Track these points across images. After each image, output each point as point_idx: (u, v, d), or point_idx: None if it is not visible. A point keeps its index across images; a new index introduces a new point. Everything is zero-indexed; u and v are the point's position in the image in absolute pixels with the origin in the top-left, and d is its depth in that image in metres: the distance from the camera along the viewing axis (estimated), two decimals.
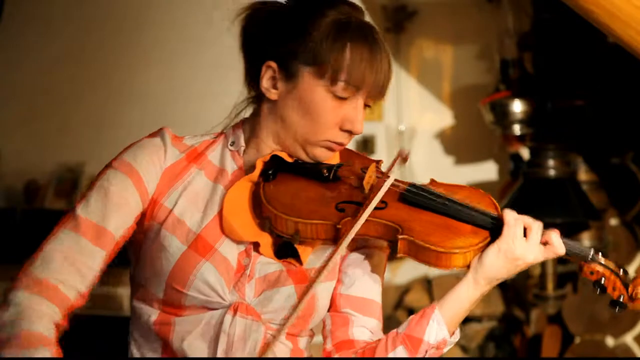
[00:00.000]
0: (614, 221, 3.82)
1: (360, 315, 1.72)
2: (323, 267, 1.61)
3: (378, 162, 1.77)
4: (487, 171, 4.22)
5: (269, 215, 1.65)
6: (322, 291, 1.69)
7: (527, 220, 1.66)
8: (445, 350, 1.67)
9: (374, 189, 1.67)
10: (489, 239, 1.66)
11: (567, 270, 3.84)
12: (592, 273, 1.68)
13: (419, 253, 1.63)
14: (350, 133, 1.68)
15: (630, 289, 1.66)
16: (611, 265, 1.68)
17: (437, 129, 4.31)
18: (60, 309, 1.59)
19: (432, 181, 1.76)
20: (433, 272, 4.24)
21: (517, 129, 3.82)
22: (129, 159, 1.69)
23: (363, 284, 1.73)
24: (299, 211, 1.65)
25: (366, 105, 1.70)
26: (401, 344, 1.66)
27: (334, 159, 1.74)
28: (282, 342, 1.69)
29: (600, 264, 1.68)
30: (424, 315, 1.66)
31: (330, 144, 1.68)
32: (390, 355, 1.66)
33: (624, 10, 2.77)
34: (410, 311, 3.94)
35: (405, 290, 4.11)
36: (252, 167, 1.70)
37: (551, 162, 3.73)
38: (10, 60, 4.26)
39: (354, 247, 1.74)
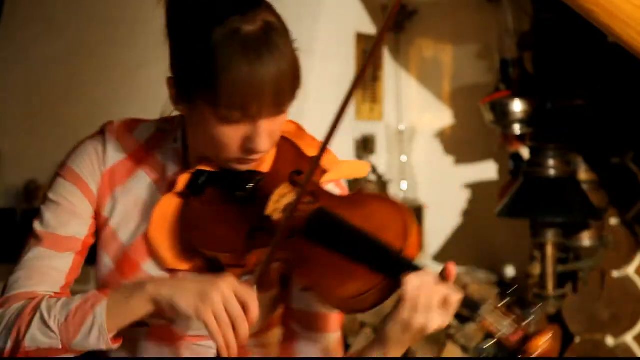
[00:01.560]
0: (614, 221, 3.82)
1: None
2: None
3: (316, 159, 1.54)
4: (487, 171, 4.22)
5: (189, 241, 1.58)
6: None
7: (427, 290, 1.46)
8: None
9: (285, 212, 1.51)
10: (383, 283, 1.48)
11: (567, 270, 3.85)
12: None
13: (316, 296, 1.52)
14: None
15: (525, 347, 1.45)
16: (507, 320, 1.46)
17: (437, 129, 4.31)
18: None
19: (358, 191, 1.62)
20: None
21: (517, 128, 3.82)
22: (72, 165, 1.66)
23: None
24: (213, 243, 1.55)
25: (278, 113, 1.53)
26: None
27: (267, 160, 1.61)
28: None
29: (494, 319, 1.46)
30: None
31: (240, 161, 1.56)
32: None
33: (624, 10, 2.77)
34: None
35: None
36: (191, 166, 1.62)
37: (551, 162, 3.73)
38: (11, 60, 4.26)
39: None
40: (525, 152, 3.89)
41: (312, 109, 3.83)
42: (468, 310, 1.47)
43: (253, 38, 1.49)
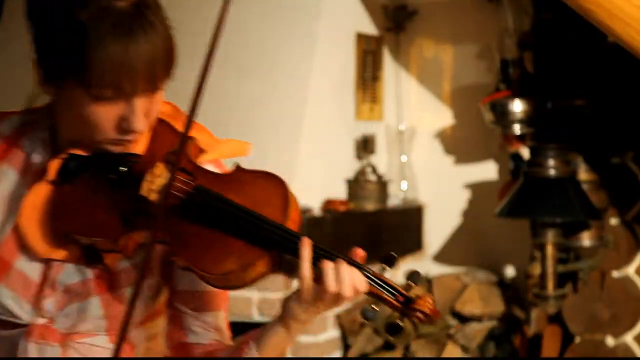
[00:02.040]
0: (614, 221, 3.82)
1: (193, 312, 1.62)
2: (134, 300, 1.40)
3: (185, 140, 1.46)
4: (487, 171, 4.22)
5: (63, 228, 1.52)
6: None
7: (342, 280, 1.46)
8: None
9: (162, 193, 1.47)
10: (263, 257, 1.48)
11: (567, 270, 3.85)
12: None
13: (196, 274, 1.50)
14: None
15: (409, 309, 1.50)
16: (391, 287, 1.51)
17: (437, 129, 4.31)
18: None
19: (237, 168, 1.58)
20: (433, 271, 4.24)
21: (517, 128, 3.82)
22: None
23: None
24: (88, 229, 1.50)
25: (154, 91, 1.49)
26: None
27: (141, 142, 1.55)
28: (106, 347, 1.57)
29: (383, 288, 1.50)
30: (240, 349, 1.57)
31: (115, 142, 1.51)
32: None
33: (624, 10, 2.78)
34: None
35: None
36: (62, 152, 1.55)
37: (551, 162, 3.73)
38: (11, 60, 4.26)
39: None
40: (525, 152, 3.89)
41: (312, 109, 3.83)
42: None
43: (125, 15, 1.44)
